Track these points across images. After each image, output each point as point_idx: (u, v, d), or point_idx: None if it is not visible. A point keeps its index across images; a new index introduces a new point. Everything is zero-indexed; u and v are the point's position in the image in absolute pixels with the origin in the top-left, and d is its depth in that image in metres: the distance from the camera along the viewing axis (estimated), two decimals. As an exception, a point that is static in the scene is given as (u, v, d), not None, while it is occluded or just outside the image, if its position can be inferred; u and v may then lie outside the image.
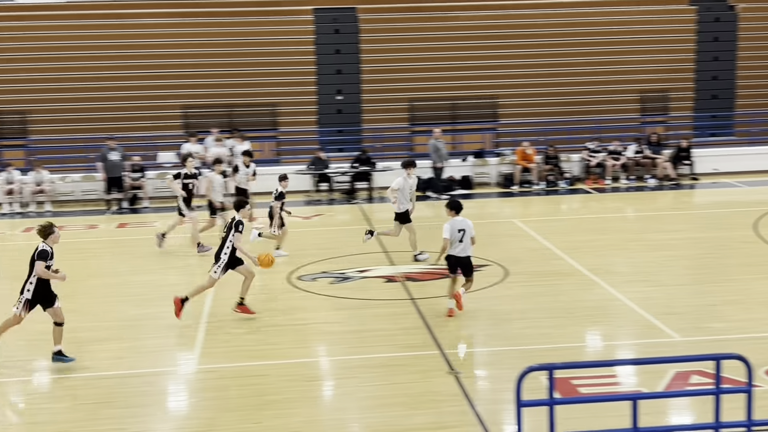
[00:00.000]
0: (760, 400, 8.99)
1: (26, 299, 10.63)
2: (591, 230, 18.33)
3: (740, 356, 6.94)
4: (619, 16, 26.96)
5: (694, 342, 11.15)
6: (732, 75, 27.05)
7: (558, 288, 13.88)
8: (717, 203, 21.39)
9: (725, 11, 27.29)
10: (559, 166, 24.00)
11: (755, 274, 14.33)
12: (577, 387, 9.65)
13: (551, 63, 26.42)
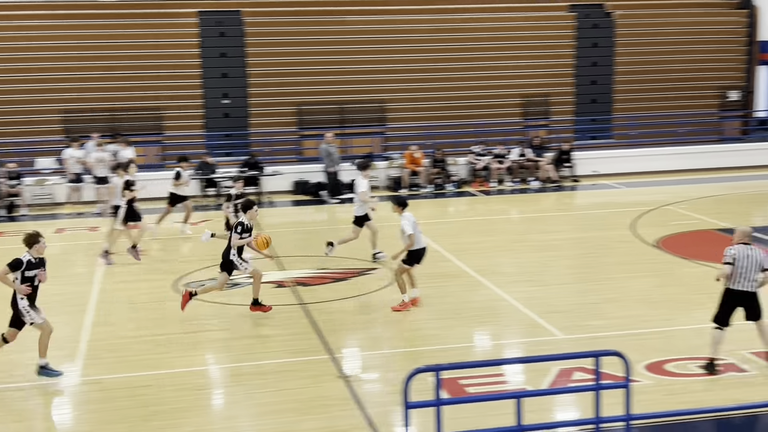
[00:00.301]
0: (639, 395, 9.34)
1: (26, 304, 10.23)
2: (477, 232, 18.67)
3: (618, 353, 7.19)
4: (501, 22, 27.54)
5: (576, 339, 11.50)
6: (610, 80, 27.99)
7: (446, 289, 14.08)
8: (597, 204, 22.10)
9: (603, 18, 28.22)
10: (446, 170, 24.36)
11: (633, 273, 14.88)
12: (465, 387, 9.82)
13: (438, 68, 26.78)
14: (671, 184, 23.84)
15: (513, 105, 27.27)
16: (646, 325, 12.07)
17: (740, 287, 10.21)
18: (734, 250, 10.27)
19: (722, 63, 28.50)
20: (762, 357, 10.57)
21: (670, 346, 11.19)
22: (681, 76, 28.07)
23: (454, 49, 26.93)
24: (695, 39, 28.23)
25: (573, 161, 24.96)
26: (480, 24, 27.38)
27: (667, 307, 12.88)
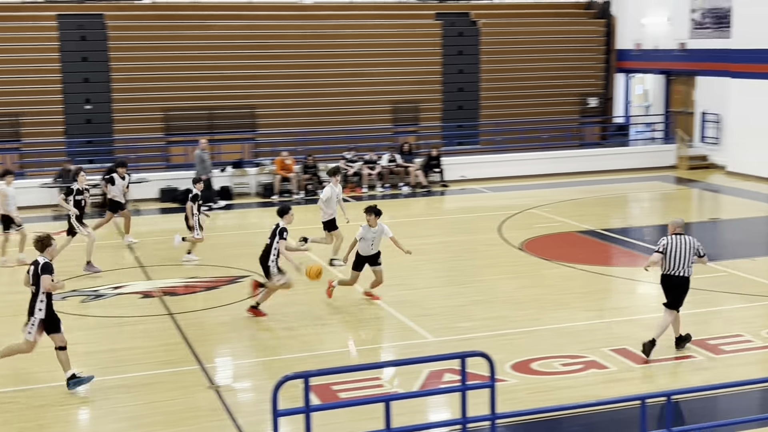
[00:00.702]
0: (506, 394, 9.59)
1: (40, 319, 9.91)
2: (349, 238, 18.68)
3: (483, 353, 7.34)
4: (371, 29, 27.78)
5: (446, 341, 11.69)
6: (476, 87, 28.64)
7: (318, 296, 14.06)
8: (465, 208, 22.53)
9: (468, 26, 28.86)
10: (317, 176, 24.33)
11: (500, 275, 15.25)
12: (338, 393, 9.83)
13: (308, 74, 26.77)
14: (535, 188, 24.56)
15: (383, 111, 27.52)
16: (512, 326, 12.38)
17: (674, 273, 10.96)
18: (666, 240, 11.06)
19: (582, 71, 29.61)
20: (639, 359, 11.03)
21: (535, 345, 11.52)
22: (543, 84, 29.00)
23: (324, 56, 26.97)
24: (556, 48, 29.22)
25: (442, 167, 25.38)
26: (349, 30, 27.53)
27: (532, 308, 13.25)
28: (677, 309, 11.16)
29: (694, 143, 27.85)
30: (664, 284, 11.15)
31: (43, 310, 9.95)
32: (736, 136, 25.77)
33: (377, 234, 13.45)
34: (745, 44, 24.97)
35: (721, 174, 26.05)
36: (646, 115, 30.58)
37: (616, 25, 30.52)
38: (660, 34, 29.03)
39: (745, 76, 25.11)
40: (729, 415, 9.00)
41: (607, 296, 14.19)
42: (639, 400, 6.90)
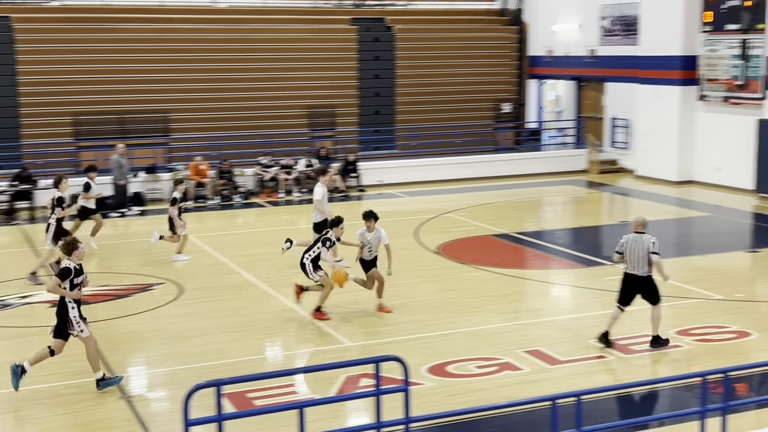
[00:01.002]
0: (422, 397, 9.65)
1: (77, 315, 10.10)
2: (266, 243, 18.56)
3: (397, 358, 7.37)
4: (286, 33, 27.65)
5: (365, 346, 11.70)
6: (392, 92, 28.80)
7: (234, 302, 13.92)
8: (382, 213, 22.28)
9: (383, 31, 29.00)
10: (233, 181, 24.11)
11: (417, 279, 15.33)
12: (253, 400, 9.74)
13: (223, 78, 26.51)
14: (451, 192, 24.80)
15: (299, 116, 27.44)
16: (429, 329, 12.46)
17: (632, 272, 11.21)
18: (624, 239, 11.29)
19: (496, 77, 30.06)
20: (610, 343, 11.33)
21: (451, 348, 11.62)
22: (458, 89, 29.33)
23: (239, 60, 26.76)
24: (471, 53, 29.60)
25: (359, 171, 25.43)
26: (264, 35, 27.37)
27: (448, 311, 13.36)
28: (651, 302, 11.33)
29: (604, 148, 28.53)
30: (623, 282, 11.39)
31: (76, 308, 10.08)
32: (644, 140, 26.49)
33: (375, 239, 13.38)
34: (652, 51, 25.71)
35: (630, 178, 26.73)
36: (558, 121, 31.19)
37: (528, 31, 31.07)
38: (571, 41, 29.67)
39: (652, 82, 25.84)
40: (639, 414, 9.23)
41: (521, 299, 14.41)
42: (550, 401, 7.01)
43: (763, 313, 13.22)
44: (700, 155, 25.13)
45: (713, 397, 9.40)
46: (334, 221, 13.25)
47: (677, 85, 25.13)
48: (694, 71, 24.86)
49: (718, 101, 24.41)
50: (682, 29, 24.83)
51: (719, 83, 24.25)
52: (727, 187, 24.01)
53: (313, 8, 29.29)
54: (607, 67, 28.30)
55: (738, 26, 23.44)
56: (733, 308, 13.25)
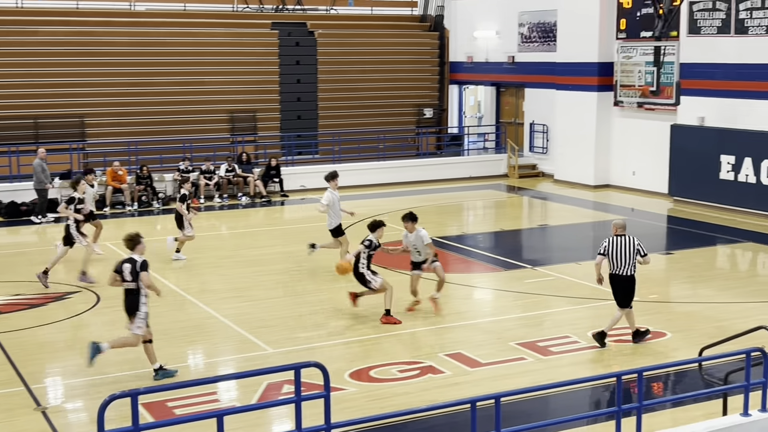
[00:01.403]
0: (344, 402, 9.65)
1: (146, 313, 10.55)
2: (186, 250, 18.30)
3: (317, 364, 7.34)
4: (206, 37, 27.36)
5: (287, 352, 11.63)
6: (314, 97, 28.73)
7: (152, 310, 13.63)
8: (305, 218, 22.50)
9: (305, 36, 28.91)
10: (152, 186, 23.72)
11: (339, 284, 15.27)
12: (174, 409, 9.60)
13: (141, 82, 26.08)
14: (374, 197, 24.85)
15: (220, 121, 27.16)
16: (352, 334, 12.45)
17: (618, 272, 11.66)
18: (606, 241, 11.72)
19: (417, 82, 30.25)
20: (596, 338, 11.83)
21: (374, 353, 11.64)
22: (380, 94, 29.44)
23: (157, 63, 26.37)
24: (392, 59, 29.74)
25: (281, 176, 25.29)
26: (184, 38, 27.04)
27: (371, 316, 13.36)
28: (628, 306, 11.78)
29: (523, 153, 28.97)
30: (611, 284, 11.82)
31: (146, 305, 10.52)
32: (561, 145, 26.99)
33: (417, 239, 13.33)
34: (569, 58, 26.22)
35: (549, 182, 27.20)
36: (479, 126, 31.56)
37: (449, 37, 31.36)
38: (490, 48, 30.06)
39: (569, 88, 26.36)
40: (558, 414, 9.38)
41: (443, 302, 14.48)
42: (470, 404, 7.07)
43: (677, 313, 13.59)
44: (617, 160, 25.72)
45: (629, 397, 9.63)
46: (375, 224, 13.22)
47: (594, 91, 25.68)
48: (610, 77, 25.44)
49: (633, 107, 25.03)
50: (598, 36, 25.39)
51: (634, 89, 24.86)
52: (643, 190, 24.61)
53: (234, 12, 29.05)
54: (525, 74, 28.77)
55: (652, 33, 24.07)
56: (649, 309, 13.58)
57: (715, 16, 22.26)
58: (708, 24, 22.46)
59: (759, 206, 20.97)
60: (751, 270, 17.34)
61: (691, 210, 22.29)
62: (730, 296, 14.39)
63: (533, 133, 28.79)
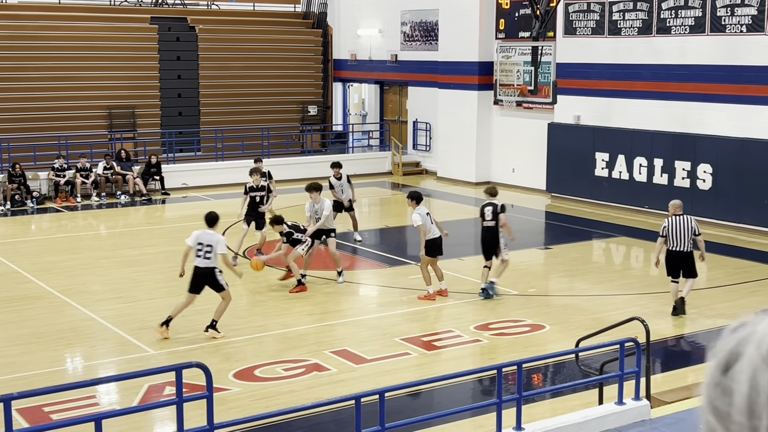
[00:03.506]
0: (229, 403, 9.54)
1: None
2: (63, 250, 17.77)
3: (200, 364, 7.24)
4: (83, 31, 26.54)
5: (170, 353, 11.41)
6: (196, 93, 28.25)
7: (27, 313, 13.20)
8: (187, 216, 22.10)
9: (186, 31, 28.39)
10: (26, 185, 22.85)
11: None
12: (51, 414, 9.29)
13: (13, 77, 25.08)
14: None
15: (98, 117, 26.40)
16: (236, 334, 12.32)
17: (675, 248, 12.60)
18: (666, 222, 12.74)
19: (301, 79, 30.14)
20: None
21: (259, 352, 11.55)
22: (264, 91, 29.19)
23: (30, 58, 25.42)
24: (276, 56, 29.53)
25: (162, 174, 24.77)
26: (58, 32, 26.15)
27: (256, 315, 13.27)
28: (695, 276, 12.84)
29: (407, 150, 29.27)
30: (671, 259, 12.73)
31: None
32: (443, 143, 27.40)
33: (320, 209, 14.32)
34: (450, 57, 26.64)
35: (432, 179, 27.56)
36: (363, 124, 31.69)
37: (332, 35, 31.37)
38: (374, 46, 30.23)
39: (450, 87, 26.77)
40: (441, 407, 9.53)
41: (329, 299, 14.51)
42: (354, 400, 7.10)
43: (554, 306, 13.99)
44: (497, 157, 26.28)
45: (510, 388, 9.86)
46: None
47: (474, 90, 26.16)
48: (490, 77, 25.97)
49: (512, 106, 25.62)
50: (478, 36, 25.87)
51: (513, 88, 25.46)
52: (522, 187, 25.23)
53: (110, 6, 28.28)
54: (408, 72, 29.06)
55: (530, 34, 24.69)
56: (528, 303, 13.94)
57: (589, 18, 23.02)
58: (583, 25, 23.21)
59: (632, 202, 21.81)
60: (625, 263, 18.02)
61: (568, 206, 22.97)
62: (605, 289, 14.91)
63: (416, 131, 29.12)
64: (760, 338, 0.89)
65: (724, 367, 0.90)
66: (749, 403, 0.87)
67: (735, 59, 19.58)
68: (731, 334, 0.92)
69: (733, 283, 14.76)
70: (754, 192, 19.11)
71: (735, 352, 0.90)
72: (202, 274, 11.86)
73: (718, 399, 0.90)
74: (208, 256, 11.78)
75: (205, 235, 11.90)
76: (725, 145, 19.71)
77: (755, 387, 0.86)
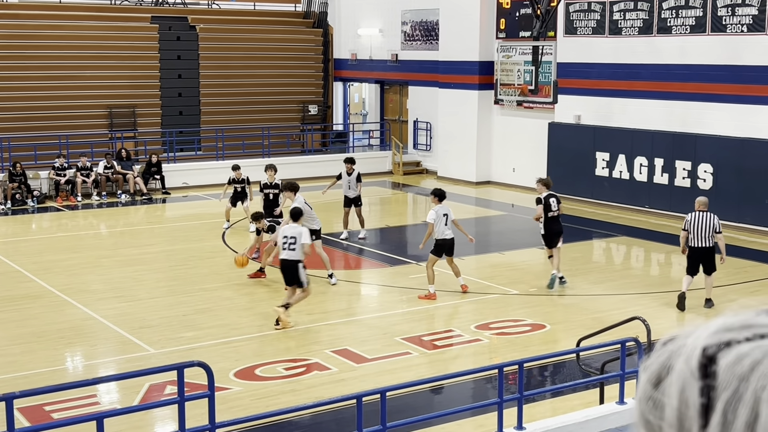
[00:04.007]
0: (230, 402, 9.54)
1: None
2: (63, 249, 17.77)
3: (201, 363, 7.24)
4: (84, 30, 26.53)
5: (170, 353, 11.41)
6: (196, 92, 28.24)
7: (28, 312, 13.20)
8: (188, 216, 22.15)
9: (186, 30, 28.38)
10: (26, 184, 22.85)
11: (224, 282, 15.11)
12: (52, 413, 9.29)
13: (14, 76, 25.07)
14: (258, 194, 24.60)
15: (98, 116, 26.40)
16: (237, 333, 12.32)
17: (696, 245, 12.93)
18: (688, 216, 13.05)
19: (302, 78, 30.12)
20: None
21: (260, 351, 11.55)
22: (264, 90, 29.17)
23: (32, 57, 25.40)
24: (276, 55, 29.52)
25: (162, 173, 24.77)
26: (59, 32, 26.14)
27: (256, 314, 13.26)
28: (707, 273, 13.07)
29: (408, 150, 29.26)
30: (691, 254, 13.06)
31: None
32: (444, 143, 27.39)
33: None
34: (450, 56, 26.63)
35: (432, 178, 27.55)
36: (364, 123, 31.68)
37: (333, 34, 31.37)
38: (374, 45, 30.22)
39: (450, 86, 26.76)
40: (442, 406, 9.53)
41: (330, 299, 14.51)
42: (355, 399, 7.10)
43: (555, 306, 13.99)
44: (497, 157, 26.27)
45: (510, 387, 9.86)
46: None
47: (475, 90, 26.15)
48: (491, 76, 25.96)
49: (513, 105, 25.62)
50: (478, 36, 25.86)
51: (513, 88, 25.46)
52: (522, 187, 25.21)
53: (111, 6, 28.27)
54: (409, 71, 29.05)
55: (530, 34, 24.69)
56: (528, 302, 13.94)
57: (590, 17, 23.02)
58: (584, 25, 23.21)
59: (632, 201, 21.80)
60: (626, 263, 18.02)
61: (569, 205, 22.91)
62: (605, 288, 14.91)
63: (417, 130, 29.11)
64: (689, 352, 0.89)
65: (655, 380, 0.91)
66: (679, 417, 0.88)
67: (736, 59, 19.58)
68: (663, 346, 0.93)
69: (733, 283, 14.75)
70: (754, 192, 19.11)
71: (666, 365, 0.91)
72: (288, 267, 12.40)
73: (650, 413, 0.91)
74: (293, 247, 12.32)
75: (290, 228, 12.60)
76: (726, 144, 19.70)
77: (684, 401, 0.87)
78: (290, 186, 14.73)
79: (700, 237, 12.94)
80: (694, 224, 12.97)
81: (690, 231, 12.99)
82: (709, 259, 13.06)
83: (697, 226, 12.93)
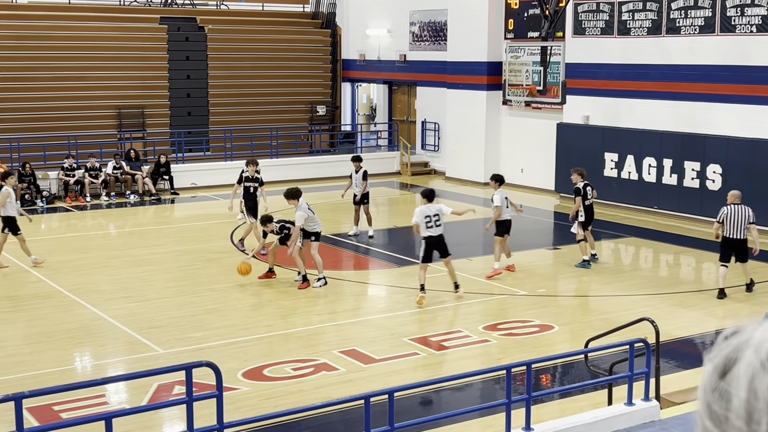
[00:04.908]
0: (238, 402, 9.56)
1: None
2: (72, 249, 17.83)
3: (209, 363, 7.25)
4: (93, 31, 26.61)
5: (178, 353, 11.43)
6: (205, 93, 28.30)
7: (37, 312, 13.25)
8: (197, 216, 22.19)
9: (195, 31, 28.45)
10: (36, 184, 22.93)
11: (232, 282, 15.13)
12: (61, 413, 9.32)
13: (23, 77, 25.17)
14: (268, 194, 24.62)
15: (107, 117, 26.47)
16: (245, 333, 12.34)
17: (731, 236, 13.62)
18: (723, 209, 13.67)
19: (310, 79, 30.15)
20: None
21: (268, 351, 11.57)
22: (273, 91, 29.22)
23: (41, 58, 25.50)
24: (284, 56, 29.56)
25: (171, 174, 24.82)
26: (68, 32, 26.23)
27: (265, 314, 13.29)
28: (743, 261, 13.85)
29: (416, 150, 29.26)
30: (725, 245, 13.74)
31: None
32: (452, 143, 27.38)
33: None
34: (459, 57, 26.62)
35: (440, 179, 27.56)
36: (372, 123, 31.69)
37: (341, 35, 31.39)
38: (382, 46, 30.23)
39: (459, 87, 26.76)
40: (450, 407, 9.53)
41: (337, 299, 14.53)
42: (363, 399, 7.11)
43: (563, 307, 13.97)
44: (506, 157, 26.25)
45: (519, 388, 9.86)
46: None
47: (483, 90, 26.14)
48: (499, 77, 25.94)
49: (521, 106, 25.59)
50: (487, 36, 25.85)
51: (522, 88, 25.43)
52: (531, 187, 25.20)
53: (120, 6, 28.36)
54: (417, 72, 29.06)
55: (539, 34, 24.66)
56: (537, 303, 13.93)
57: (599, 18, 22.98)
58: (592, 25, 23.17)
59: (641, 202, 21.75)
60: (634, 264, 17.98)
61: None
62: (614, 289, 14.89)
63: (425, 131, 29.10)
64: (758, 343, 0.89)
65: (721, 371, 0.91)
66: (748, 408, 0.87)
67: (745, 59, 19.52)
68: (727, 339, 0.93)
69: (743, 284, 14.70)
70: (763, 192, 19.03)
71: (732, 356, 0.91)
72: (435, 242, 13.28)
73: (716, 403, 0.90)
74: (438, 223, 13.23)
75: (428, 208, 13.26)
76: (735, 145, 19.64)
77: (754, 392, 0.87)
78: (292, 194, 14.67)
79: (735, 228, 13.60)
80: (729, 216, 13.60)
81: (725, 223, 13.58)
82: (742, 249, 13.80)
83: (732, 218, 13.58)
